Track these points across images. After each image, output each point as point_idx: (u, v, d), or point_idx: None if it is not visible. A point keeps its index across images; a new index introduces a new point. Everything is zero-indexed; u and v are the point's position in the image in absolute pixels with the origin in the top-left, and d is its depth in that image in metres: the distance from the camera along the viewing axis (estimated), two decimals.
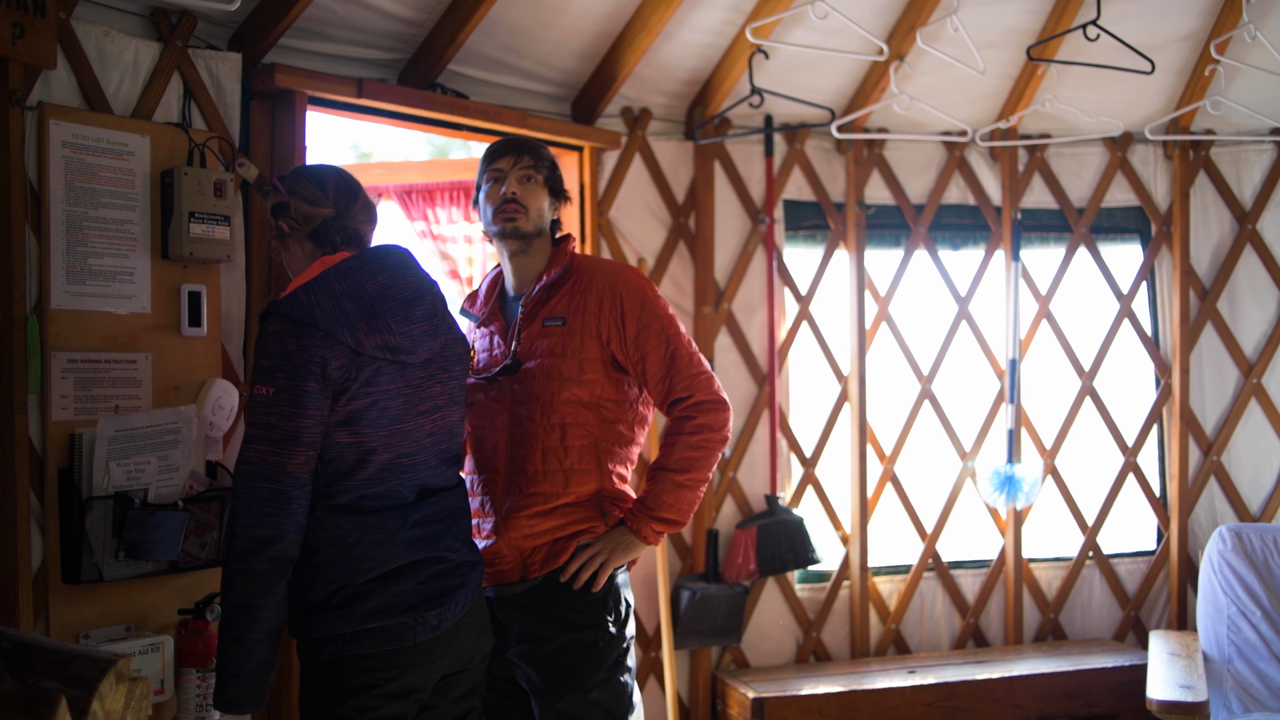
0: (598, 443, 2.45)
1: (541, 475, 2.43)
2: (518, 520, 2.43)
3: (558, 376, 2.42)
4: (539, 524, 2.43)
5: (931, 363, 4.37)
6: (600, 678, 2.40)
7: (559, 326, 2.45)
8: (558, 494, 2.43)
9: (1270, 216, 4.45)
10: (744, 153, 4.18)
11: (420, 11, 3.33)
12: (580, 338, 2.44)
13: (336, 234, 2.23)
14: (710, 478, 2.49)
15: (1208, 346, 4.47)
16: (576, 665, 2.39)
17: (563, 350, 2.44)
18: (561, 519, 2.43)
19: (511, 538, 2.43)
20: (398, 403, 2.14)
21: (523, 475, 2.44)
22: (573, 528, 2.44)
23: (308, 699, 2.14)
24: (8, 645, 1.60)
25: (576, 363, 2.43)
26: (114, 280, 2.68)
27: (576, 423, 2.43)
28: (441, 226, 3.87)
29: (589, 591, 2.41)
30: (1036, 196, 4.47)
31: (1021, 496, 4.25)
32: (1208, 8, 3.95)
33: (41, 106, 2.57)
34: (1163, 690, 3.47)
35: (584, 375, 2.43)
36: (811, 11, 3.48)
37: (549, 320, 2.46)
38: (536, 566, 2.44)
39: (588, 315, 2.45)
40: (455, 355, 2.29)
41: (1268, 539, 3.87)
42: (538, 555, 2.44)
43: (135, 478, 2.58)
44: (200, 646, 2.65)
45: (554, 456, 2.43)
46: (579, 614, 2.42)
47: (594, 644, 2.41)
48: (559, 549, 2.43)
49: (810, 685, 3.85)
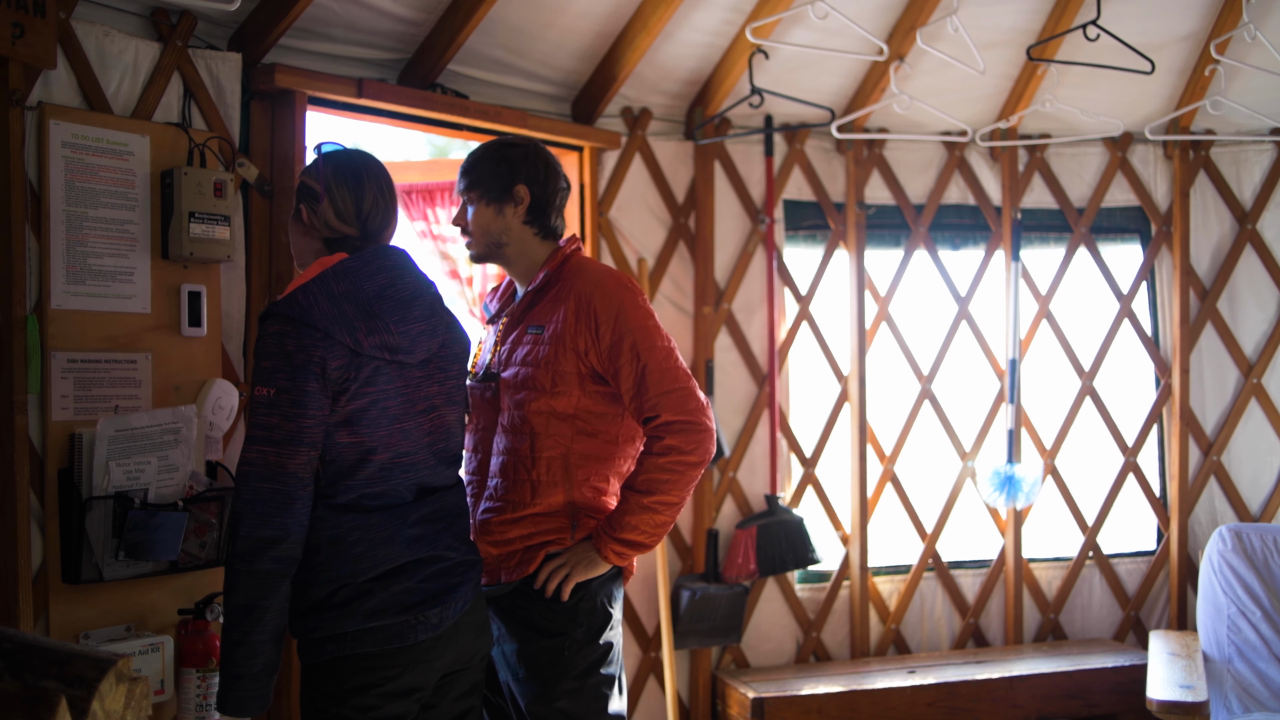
0: (568, 454, 2.40)
1: (511, 484, 2.42)
2: (489, 525, 2.44)
3: (530, 386, 2.40)
4: (508, 530, 2.43)
5: (931, 363, 4.37)
6: (567, 686, 2.36)
7: (537, 334, 2.43)
8: (524, 503, 2.41)
9: (1270, 216, 4.45)
10: (744, 153, 4.18)
11: (420, 11, 3.33)
12: (554, 348, 2.39)
13: (351, 248, 2.22)
14: (682, 501, 2.39)
15: (1208, 346, 4.47)
16: (545, 672, 2.38)
17: (537, 360, 2.40)
18: (530, 528, 2.42)
19: (484, 542, 2.44)
20: (396, 402, 2.14)
21: (496, 481, 2.45)
22: (540, 538, 2.42)
23: (309, 698, 2.14)
24: (8, 645, 1.60)
25: (549, 374, 2.38)
26: (114, 280, 2.68)
27: (547, 433, 2.39)
28: (441, 226, 3.87)
29: (558, 600, 2.38)
30: (1036, 196, 4.47)
31: (1021, 496, 4.25)
32: (1208, 8, 3.95)
33: (41, 106, 2.57)
34: (1163, 690, 3.47)
35: (556, 387, 2.38)
36: (811, 11, 3.48)
37: (531, 327, 2.44)
38: (510, 571, 2.43)
39: (564, 326, 2.39)
40: (453, 355, 2.28)
41: (1268, 539, 3.88)
42: (510, 561, 2.44)
43: (135, 478, 2.58)
44: (200, 646, 2.65)
45: (523, 466, 2.41)
46: (548, 621, 2.39)
47: (560, 652, 2.38)
48: (529, 557, 2.42)
49: (810, 685, 3.85)
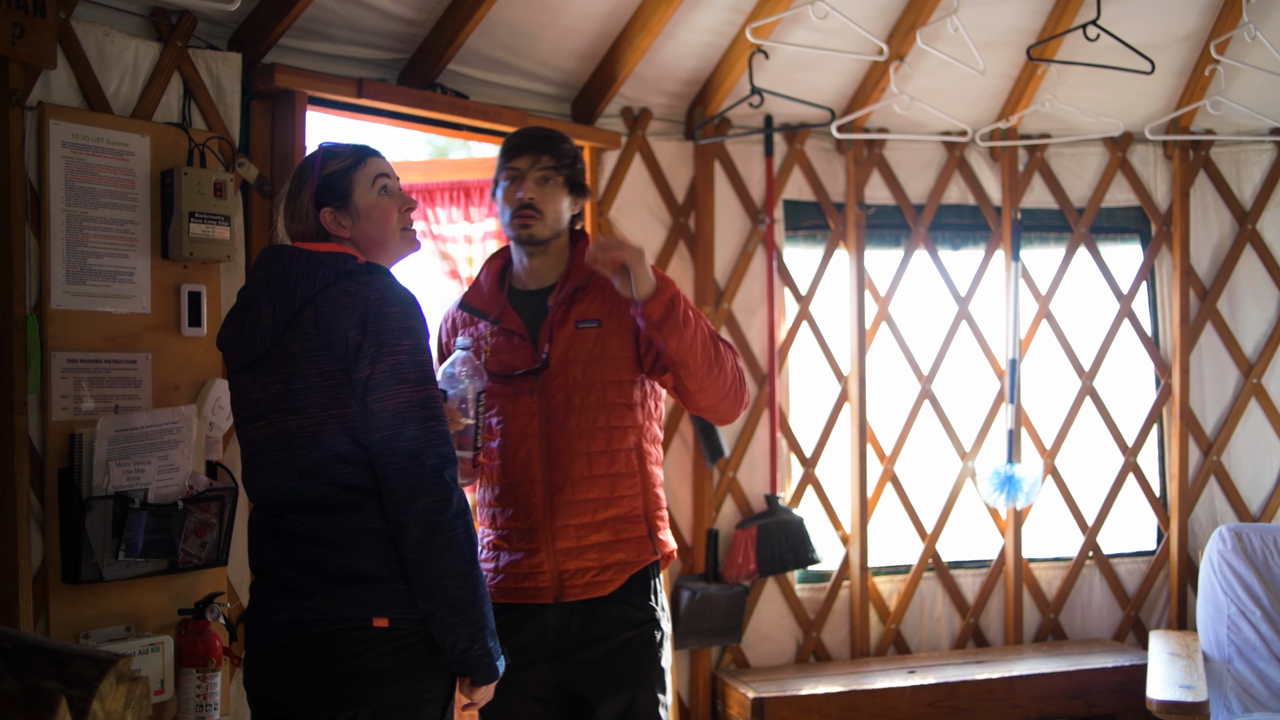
0: (640, 443, 2.42)
1: (589, 480, 2.36)
2: (566, 530, 2.36)
3: (600, 380, 2.37)
4: (587, 536, 2.36)
5: (931, 363, 4.37)
6: (656, 674, 2.39)
7: (594, 329, 2.39)
8: (606, 500, 2.37)
9: (1270, 216, 4.45)
10: (744, 153, 4.18)
11: (420, 11, 3.33)
12: (618, 338, 2.39)
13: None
14: (710, 362, 2.34)
15: (1208, 346, 4.47)
16: (635, 663, 2.38)
17: (602, 354, 2.38)
18: (610, 535, 2.37)
19: (558, 549, 2.35)
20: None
21: (568, 481, 2.35)
22: (621, 554, 2.38)
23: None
24: (8, 645, 1.60)
25: (615, 365, 2.38)
26: (114, 280, 2.68)
27: (621, 425, 2.39)
28: (441, 226, 3.87)
29: (638, 594, 2.39)
30: (1036, 196, 4.47)
31: (1021, 496, 4.25)
32: (1208, 8, 3.95)
33: (41, 106, 2.57)
34: (1163, 690, 3.47)
35: (622, 376, 2.39)
36: (811, 11, 3.47)
37: (582, 322, 2.39)
38: (577, 590, 2.36)
39: (623, 315, 2.40)
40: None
41: (1268, 539, 3.88)
42: (580, 579, 2.36)
43: (135, 478, 2.58)
44: (200, 646, 2.65)
45: (600, 461, 2.37)
46: (639, 610, 2.39)
47: (651, 639, 2.39)
48: (605, 578, 2.36)
49: (810, 685, 3.85)
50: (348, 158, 2.15)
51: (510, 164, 2.42)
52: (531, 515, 2.38)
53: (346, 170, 2.13)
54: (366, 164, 2.15)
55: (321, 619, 1.98)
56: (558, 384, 2.38)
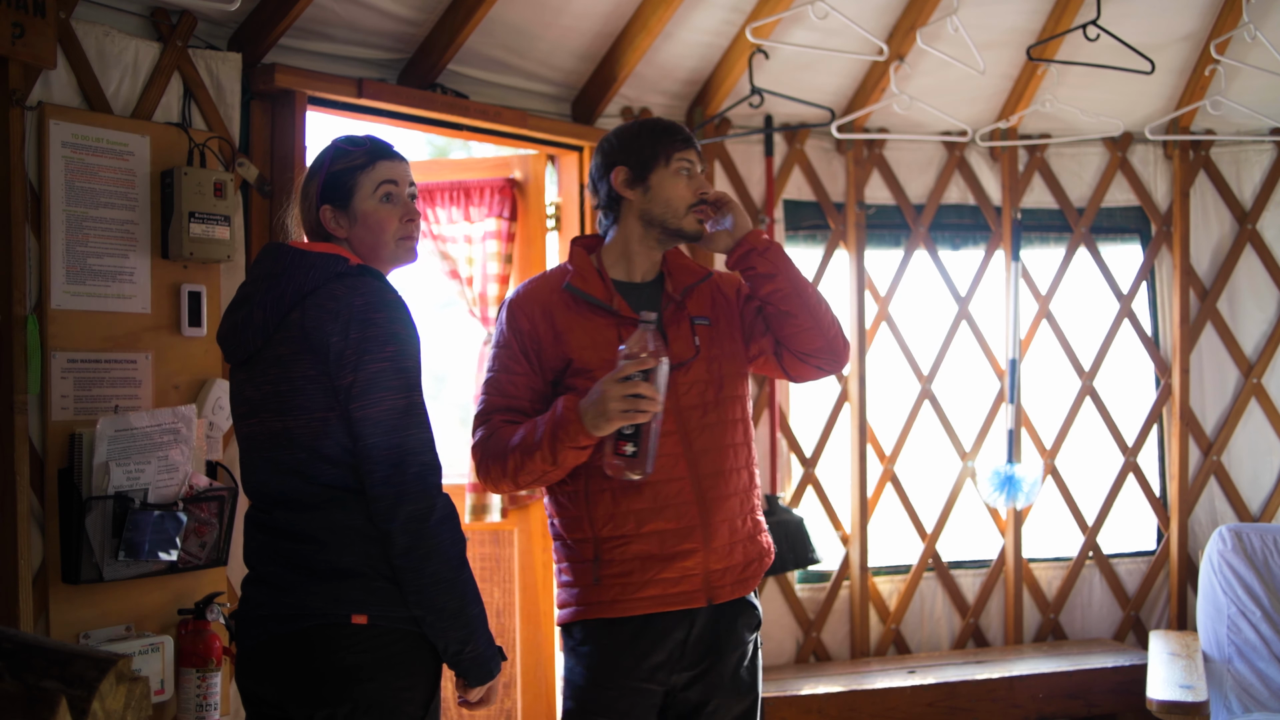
0: (750, 435, 2.45)
1: (734, 473, 2.37)
2: (721, 527, 2.32)
3: (728, 374, 2.39)
4: (738, 531, 2.34)
5: (931, 363, 4.37)
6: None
7: (707, 326, 2.39)
8: (745, 493, 2.39)
9: (1270, 216, 4.45)
10: (744, 153, 4.18)
11: (420, 11, 3.33)
12: (731, 336, 2.42)
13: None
14: (824, 303, 2.36)
15: (1208, 346, 4.47)
16: (755, 667, 2.46)
17: (722, 351, 2.39)
18: (752, 529, 2.39)
19: (714, 548, 2.29)
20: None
21: (718, 475, 2.32)
22: (758, 549, 2.41)
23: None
24: (8, 645, 1.59)
25: (733, 360, 2.41)
26: (114, 280, 2.68)
27: (744, 418, 2.43)
28: (441, 226, 3.87)
29: (756, 606, 2.45)
30: (1036, 196, 4.47)
31: (1021, 496, 4.25)
32: (1208, 8, 3.95)
33: (41, 106, 2.57)
34: (1163, 690, 3.47)
35: (739, 369, 2.42)
36: (811, 11, 3.47)
37: (696, 319, 2.39)
38: (726, 590, 2.33)
39: (732, 312, 2.43)
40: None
41: (1268, 539, 3.88)
42: (727, 578, 2.33)
43: (135, 478, 2.58)
44: (200, 646, 2.65)
45: (740, 453, 2.39)
46: (757, 609, 2.45)
47: (757, 647, 2.46)
48: (747, 576, 2.38)
49: (810, 685, 3.85)
50: (358, 157, 2.12)
51: (682, 155, 2.35)
52: (685, 515, 2.29)
53: (353, 171, 2.11)
54: (375, 168, 2.11)
55: (300, 614, 1.97)
56: (691, 378, 2.33)
